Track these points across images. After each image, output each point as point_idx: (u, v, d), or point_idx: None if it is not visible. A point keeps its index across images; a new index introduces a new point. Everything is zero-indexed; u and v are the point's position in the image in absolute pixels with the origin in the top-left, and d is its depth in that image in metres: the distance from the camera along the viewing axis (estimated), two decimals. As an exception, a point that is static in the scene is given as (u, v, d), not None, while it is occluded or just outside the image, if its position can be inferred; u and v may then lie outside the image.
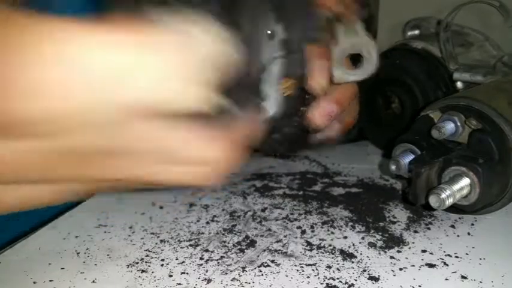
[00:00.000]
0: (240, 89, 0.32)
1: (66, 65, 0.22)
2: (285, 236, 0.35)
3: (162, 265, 0.31)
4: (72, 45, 0.22)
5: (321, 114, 0.36)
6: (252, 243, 0.34)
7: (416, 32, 0.54)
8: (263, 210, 0.39)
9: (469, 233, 0.36)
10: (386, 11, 0.61)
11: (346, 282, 0.29)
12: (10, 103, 0.22)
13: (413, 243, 0.34)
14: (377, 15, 0.59)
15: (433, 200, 0.33)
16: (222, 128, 0.26)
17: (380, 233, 0.35)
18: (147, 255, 0.32)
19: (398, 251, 0.33)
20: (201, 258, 0.32)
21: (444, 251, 0.33)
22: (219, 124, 0.26)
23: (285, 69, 0.33)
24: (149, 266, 0.31)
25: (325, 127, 0.37)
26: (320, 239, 0.34)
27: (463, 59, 0.48)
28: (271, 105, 0.33)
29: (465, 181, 0.34)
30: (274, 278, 0.30)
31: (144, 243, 0.34)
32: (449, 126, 0.36)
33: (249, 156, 0.28)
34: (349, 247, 0.33)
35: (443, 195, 0.33)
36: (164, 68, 0.23)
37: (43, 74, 0.22)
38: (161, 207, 0.39)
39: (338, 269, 0.31)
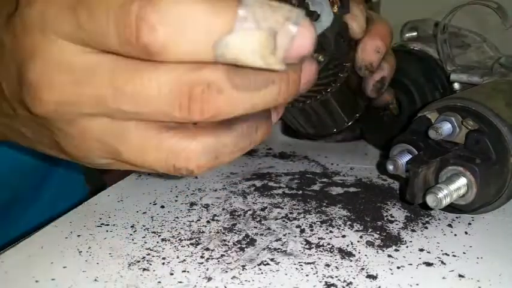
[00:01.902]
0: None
1: None
2: (285, 235, 0.35)
3: (163, 263, 0.31)
4: None
5: (370, 49, 0.38)
6: (251, 242, 0.34)
7: (414, 33, 0.55)
8: (263, 209, 0.39)
9: (466, 232, 0.36)
10: (384, 13, 0.61)
11: (344, 281, 0.30)
12: None
13: (410, 242, 0.35)
14: None
15: (430, 200, 0.33)
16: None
17: (378, 232, 0.36)
18: (149, 254, 0.32)
19: (396, 250, 0.33)
20: (202, 257, 0.32)
21: (441, 250, 0.33)
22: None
23: None
24: (150, 264, 0.31)
25: (377, 66, 0.39)
26: (319, 238, 0.35)
27: (461, 60, 0.49)
28: (328, 16, 0.33)
29: (462, 181, 0.34)
30: (273, 276, 0.30)
31: (145, 242, 0.34)
32: (446, 127, 0.37)
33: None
34: (347, 246, 0.34)
35: (440, 195, 0.33)
36: None
37: None
38: (162, 207, 0.40)
39: (336, 267, 0.31)
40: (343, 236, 0.35)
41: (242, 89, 0.23)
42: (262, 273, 0.30)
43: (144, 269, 0.31)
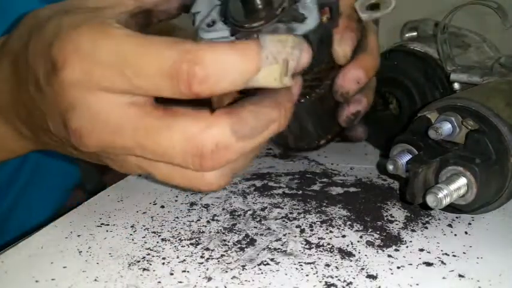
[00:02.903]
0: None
1: None
2: (285, 235, 0.35)
3: (163, 263, 0.31)
4: None
5: (349, 79, 0.38)
6: (251, 242, 0.34)
7: (414, 33, 0.55)
8: (263, 209, 0.39)
9: (466, 232, 0.36)
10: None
11: (344, 281, 0.30)
12: None
13: (410, 242, 0.35)
14: (378, 18, 0.59)
15: (430, 200, 0.33)
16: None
17: (378, 232, 0.36)
18: (149, 254, 0.32)
19: (396, 250, 0.33)
20: (202, 257, 0.32)
21: (441, 250, 0.33)
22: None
23: None
24: (150, 264, 0.31)
25: (353, 98, 0.39)
26: (319, 238, 0.35)
27: (461, 60, 0.49)
28: (314, 19, 0.33)
29: (462, 181, 0.34)
30: (273, 276, 0.30)
31: (145, 242, 0.34)
32: (446, 127, 0.37)
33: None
34: (347, 246, 0.34)
35: (440, 195, 0.33)
36: None
37: None
38: (162, 207, 0.40)
39: (336, 267, 0.31)
40: (343, 236, 0.35)
41: (247, 138, 0.28)
42: (262, 273, 0.30)
43: (144, 269, 0.31)
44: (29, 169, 0.59)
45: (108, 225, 0.36)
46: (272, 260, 0.32)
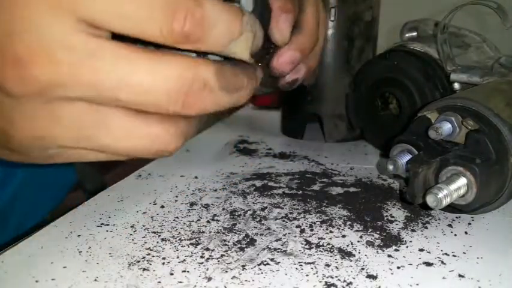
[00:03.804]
0: None
1: None
2: (284, 235, 0.35)
3: (163, 263, 0.31)
4: None
5: (284, 62, 0.39)
6: (251, 242, 0.34)
7: (414, 33, 0.55)
8: (263, 209, 0.39)
9: (466, 232, 0.36)
10: (384, 13, 0.61)
11: (344, 281, 0.30)
12: None
13: (410, 242, 0.35)
14: (378, 18, 0.60)
15: (430, 200, 0.33)
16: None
17: (378, 232, 0.36)
18: (149, 254, 0.32)
19: (396, 250, 0.33)
20: (202, 257, 0.32)
21: (441, 250, 0.33)
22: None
23: None
24: (150, 264, 0.31)
25: (290, 71, 0.40)
26: (319, 238, 0.35)
27: (461, 60, 0.49)
28: (247, 3, 0.34)
29: (462, 181, 0.34)
30: (273, 276, 0.30)
31: (145, 242, 0.34)
32: (446, 127, 0.37)
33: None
34: (347, 246, 0.34)
35: (440, 195, 0.33)
36: None
37: None
38: (162, 207, 0.40)
39: (336, 267, 0.31)
40: (343, 236, 0.35)
41: (226, 91, 0.27)
42: (262, 273, 0.30)
43: (144, 269, 0.31)
44: (25, 169, 0.59)
45: (108, 225, 0.36)
46: (272, 260, 0.32)
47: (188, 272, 0.30)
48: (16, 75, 0.24)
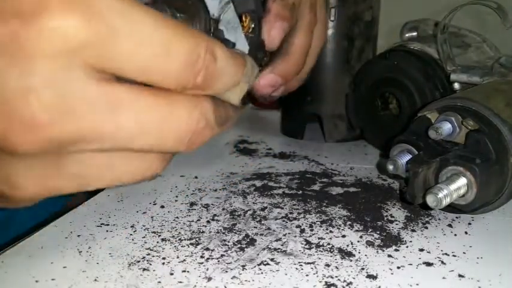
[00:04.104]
0: None
1: None
2: (284, 235, 0.35)
3: (163, 263, 0.31)
4: None
5: (265, 85, 0.40)
6: (251, 242, 0.34)
7: (414, 33, 0.55)
8: (263, 209, 0.39)
9: (466, 232, 0.36)
10: (384, 13, 0.61)
11: (344, 281, 0.30)
12: None
13: (410, 242, 0.35)
14: (378, 18, 0.60)
15: (430, 200, 0.33)
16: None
17: (378, 232, 0.36)
18: (149, 254, 0.32)
19: (396, 250, 0.33)
20: (202, 257, 0.32)
21: (441, 250, 0.33)
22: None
23: (238, 9, 0.35)
24: (150, 264, 0.31)
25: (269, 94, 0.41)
26: (319, 238, 0.35)
27: (461, 60, 0.49)
28: (243, 46, 0.35)
29: (462, 181, 0.34)
30: (273, 276, 0.30)
31: (145, 242, 0.34)
32: (446, 127, 0.37)
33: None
34: (347, 246, 0.34)
35: (440, 195, 0.33)
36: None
37: None
38: (162, 207, 0.40)
39: (336, 267, 0.31)
40: (343, 236, 0.35)
41: (220, 124, 0.28)
42: (262, 273, 0.30)
43: (144, 269, 0.31)
44: None
45: (108, 225, 0.36)
46: (272, 260, 0.32)
47: (188, 272, 0.30)
48: (30, 137, 0.22)
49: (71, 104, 0.22)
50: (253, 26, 0.36)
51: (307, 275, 0.30)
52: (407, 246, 0.34)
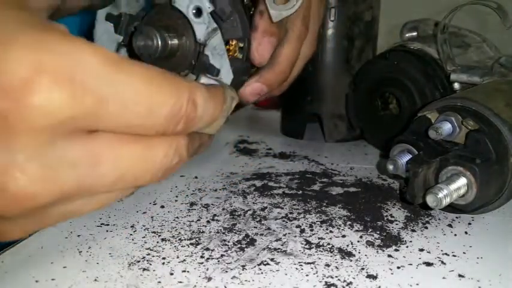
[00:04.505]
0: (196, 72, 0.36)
1: None
2: (285, 235, 0.35)
3: (163, 263, 0.31)
4: None
5: (250, 92, 0.41)
6: (251, 242, 0.34)
7: (414, 33, 0.55)
8: (263, 209, 0.39)
9: (466, 232, 0.36)
10: (384, 13, 0.61)
11: (344, 281, 0.30)
12: None
13: (410, 242, 0.35)
14: (378, 18, 0.60)
15: (430, 200, 0.33)
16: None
17: (378, 232, 0.36)
18: (149, 254, 0.32)
19: (396, 250, 0.33)
20: (202, 257, 0.32)
21: (441, 250, 0.33)
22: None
23: (225, 35, 0.36)
24: (150, 264, 0.31)
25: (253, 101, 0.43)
26: (319, 238, 0.35)
27: (461, 60, 0.49)
28: (227, 74, 0.36)
29: (462, 181, 0.34)
30: (273, 276, 0.30)
31: (145, 242, 0.34)
32: (446, 127, 0.37)
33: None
34: (347, 246, 0.34)
35: (440, 195, 0.33)
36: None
37: None
38: (162, 207, 0.40)
39: (336, 267, 0.31)
40: (343, 236, 0.35)
41: (192, 156, 0.29)
42: (262, 273, 0.30)
43: (144, 269, 0.31)
44: None
45: (108, 225, 0.36)
46: (272, 260, 0.32)
47: (188, 272, 0.30)
48: (17, 207, 0.22)
49: (54, 171, 0.22)
50: (240, 46, 0.37)
51: (307, 275, 0.30)
52: (407, 246, 0.34)
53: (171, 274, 0.30)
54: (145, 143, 0.25)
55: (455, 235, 0.36)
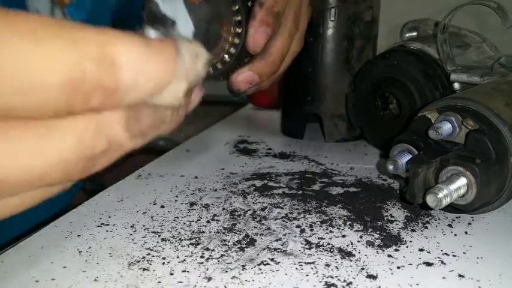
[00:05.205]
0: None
1: None
2: (285, 235, 0.35)
3: (163, 263, 0.31)
4: None
5: (241, 80, 0.42)
6: (251, 242, 0.34)
7: (414, 33, 0.55)
8: (263, 209, 0.39)
9: (466, 232, 0.36)
10: (384, 13, 0.61)
11: (344, 281, 0.30)
12: None
13: (410, 242, 0.35)
14: (378, 18, 0.60)
15: (430, 200, 0.33)
16: None
17: (378, 232, 0.36)
18: (149, 254, 0.32)
19: (396, 250, 0.33)
20: (202, 257, 0.32)
21: (441, 250, 0.33)
22: None
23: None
24: (150, 264, 0.31)
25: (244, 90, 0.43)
26: (319, 238, 0.35)
27: (461, 60, 0.49)
28: (185, 24, 0.30)
29: (462, 181, 0.34)
30: (273, 276, 0.30)
31: (145, 242, 0.34)
32: (446, 127, 0.37)
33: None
34: (347, 246, 0.34)
35: (440, 195, 0.33)
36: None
37: None
38: (162, 207, 0.40)
39: (336, 267, 0.31)
40: (343, 236, 0.35)
41: (137, 139, 0.21)
42: (262, 273, 0.30)
43: (144, 269, 0.31)
44: None
45: (108, 225, 0.36)
46: (272, 260, 0.32)
47: (188, 272, 0.30)
48: None
49: None
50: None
51: (307, 275, 0.30)
52: (407, 246, 0.34)
53: (171, 274, 0.30)
54: (40, 129, 0.19)
55: (455, 235, 0.36)
